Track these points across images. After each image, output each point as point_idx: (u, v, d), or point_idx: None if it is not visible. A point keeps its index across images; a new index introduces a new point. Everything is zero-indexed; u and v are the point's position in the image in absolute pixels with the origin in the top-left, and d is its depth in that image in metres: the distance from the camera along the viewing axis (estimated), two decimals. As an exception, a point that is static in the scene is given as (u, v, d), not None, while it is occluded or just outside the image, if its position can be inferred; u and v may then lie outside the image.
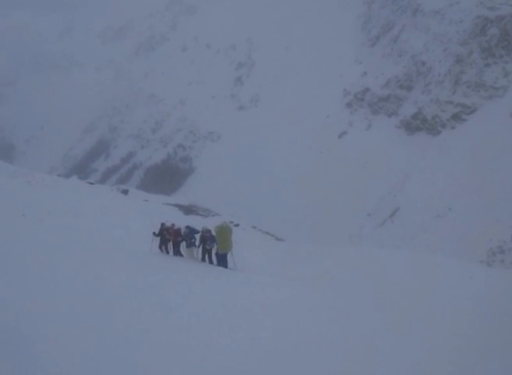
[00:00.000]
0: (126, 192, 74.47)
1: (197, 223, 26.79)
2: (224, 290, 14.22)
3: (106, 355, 7.73)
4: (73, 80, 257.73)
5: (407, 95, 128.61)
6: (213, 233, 20.00)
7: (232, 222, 58.98)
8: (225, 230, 19.81)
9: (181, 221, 26.92)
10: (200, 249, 20.75)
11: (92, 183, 74.77)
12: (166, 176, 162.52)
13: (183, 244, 21.63)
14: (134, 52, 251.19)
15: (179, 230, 21.60)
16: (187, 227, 21.52)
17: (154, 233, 21.93)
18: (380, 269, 21.93)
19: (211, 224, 21.88)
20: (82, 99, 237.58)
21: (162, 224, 22.11)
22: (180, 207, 68.99)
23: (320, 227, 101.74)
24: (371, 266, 22.61)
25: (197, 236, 20.88)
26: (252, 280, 17.05)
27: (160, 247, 21.97)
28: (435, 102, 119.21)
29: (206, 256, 20.54)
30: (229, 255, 19.85)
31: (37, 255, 14.70)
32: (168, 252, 22.09)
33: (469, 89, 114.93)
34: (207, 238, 20.13)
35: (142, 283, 12.91)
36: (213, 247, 20.16)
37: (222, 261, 19.78)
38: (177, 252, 21.77)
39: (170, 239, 21.82)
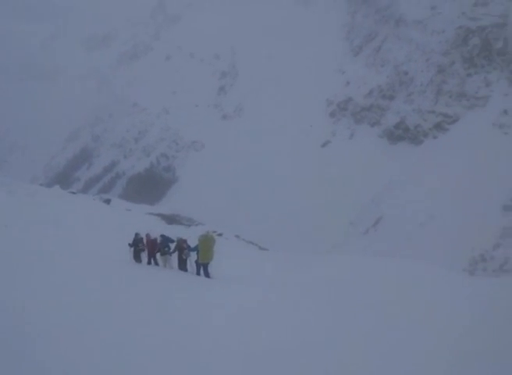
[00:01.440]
0: (108, 202, 74.07)
1: (180, 232, 26.81)
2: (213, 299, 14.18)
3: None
4: (57, 88, 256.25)
5: (389, 105, 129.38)
6: (197, 242, 19.96)
7: (215, 231, 58.85)
8: (208, 241, 19.86)
9: (164, 231, 26.71)
10: (176, 258, 20.85)
11: (74, 193, 74.25)
12: (149, 186, 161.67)
13: (158, 254, 21.66)
14: (118, 61, 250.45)
15: (155, 240, 21.63)
16: (162, 236, 21.57)
17: (129, 244, 21.91)
18: (364, 276, 21.93)
19: (194, 234, 21.92)
20: (65, 108, 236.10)
21: (136, 234, 22.14)
22: (163, 217, 68.78)
23: (303, 236, 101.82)
24: (357, 274, 22.61)
25: (172, 245, 21.01)
26: (234, 289, 17.02)
27: (134, 257, 21.96)
28: (418, 112, 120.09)
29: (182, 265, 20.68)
30: (209, 265, 19.82)
31: (18, 265, 14.57)
32: (141, 261, 22.06)
33: (451, 99, 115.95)
34: (183, 248, 20.34)
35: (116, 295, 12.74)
36: (189, 256, 20.36)
37: (204, 270, 19.83)
38: (154, 261, 21.79)
39: (144, 249, 21.82)
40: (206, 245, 19.68)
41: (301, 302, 14.65)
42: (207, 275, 19.78)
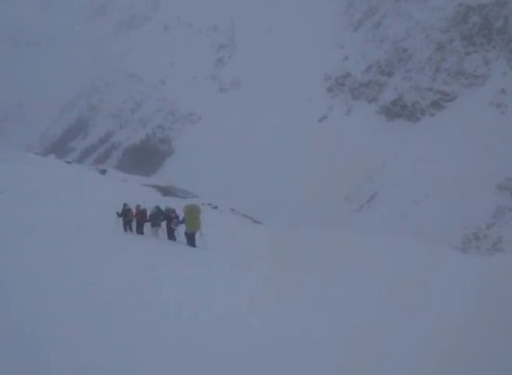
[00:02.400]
0: (103, 172, 74.06)
1: (175, 204, 26.72)
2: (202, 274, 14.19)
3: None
4: (53, 57, 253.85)
5: (387, 81, 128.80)
6: (182, 212, 20.09)
7: (210, 204, 59.12)
8: (193, 210, 19.87)
9: (159, 202, 26.91)
10: (165, 228, 21.15)
11: (70, 163, 74.20)
12: (145, 157, 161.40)
13: (147, 224, 21.98)
14: (115, 31, 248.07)
15: (144, 211, 22.02)
16: (157, 207, 21.85)
17: (117, 213, 22.32)
18: (357, 253, 22.07)
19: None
20: (61, 77, 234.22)
21: (124, 205, 22.59)
22: (158, 188, 68.66)
23: (298, 211, 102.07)
24: (348, 251, 22.74)
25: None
26: (222, 259, 17.47)
27: (124, 226, 22.41)
28: (416, 89, 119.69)
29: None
30: (197, 235, 19.85)
31: (11, 236, 14.60)
32: (131, 231, 22.49)
33: (449, 77, 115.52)
34: (171, 218, 20.64)
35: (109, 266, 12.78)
36: (177, 226, 20.61)
37: (191, 240, 19.89)
38: (140, 232, 22.09)
39: (132, 219, 22.30)
40: (191, 215, 19.69)
41: (293, 280, 14.68)
42: (193, 244, 19.85)
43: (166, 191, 67.89)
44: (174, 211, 20.90)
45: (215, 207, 58.56)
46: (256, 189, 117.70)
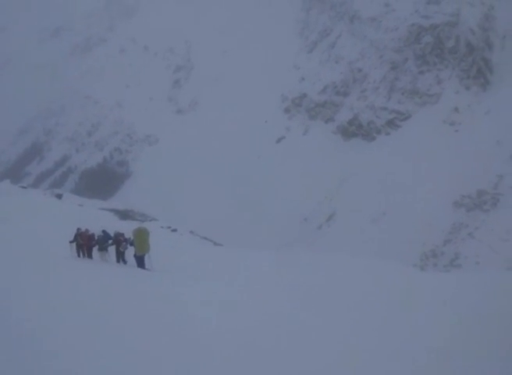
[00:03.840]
0: (60, 196, 72.77)
1: (132, 227, 26.59)
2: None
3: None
4: (7, 80, 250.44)
5: (343, 101, 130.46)
6: (131, 236, 20.78)
7: (169, 227, 58.57)
8: (142, 233, 20.60)
9: (117, 226, 26.88)
10: (114, 252, 21.56)
11: (25, 187, 72.88)
12: (102, 181, 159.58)
13: (95, 248, 21.98)
14: (70, 53, 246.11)
15: (92, 235, 21.98)
16: (103, 231, 22.03)
17: (69, 241, 22.03)
18: (317, 272, 22.03)
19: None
20: (15, 100, 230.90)
21: (78, 229, 22.27)
22: (116, 212, 67.79)
23: (258, 232, 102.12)
24: (307, 270, 22.70)
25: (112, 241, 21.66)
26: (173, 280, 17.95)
27: (77, 252, 22.14)
28: (371, 108, 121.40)
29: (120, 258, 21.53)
30: (146, 257, 20.47)
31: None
32: (84, 256, 22.28)
33: (403, 96, 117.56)
34: (120, 241, 21.12)
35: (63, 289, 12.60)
36: (126, 249, 21.15)
37: (140, 262, 20.47)
38: (89, 255, 22.03)
39: (83, 244, 22.04)
40: (141, 238, 20.36)
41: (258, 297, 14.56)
42: (142, 266, 20.41)
43: (124, 215, 67.07)
44: (123, 234, 21.36)
45: (174, 230, 57.96)
46: (215, 211, 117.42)
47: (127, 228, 24.34)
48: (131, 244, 20.93)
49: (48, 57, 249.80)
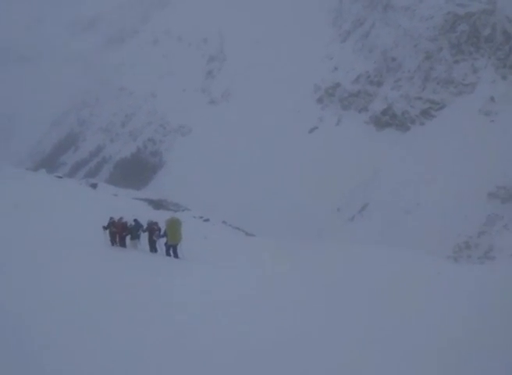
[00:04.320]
0: (94, 186, 73.51)
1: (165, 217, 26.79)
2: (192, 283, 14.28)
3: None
4: (42, 72, 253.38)
5: (377, 91, 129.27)
6: (164, 225, 21.37)
7: (201, 217, 58.73)
8: (175, 223, 21.24)
9: (150, 216, 27.12)
10: (147, 241, 22.04)
11: (60, 177, 73.56)
12: (136, 171, 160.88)
13: (128, 237, 22.43)
14: (105, 45, 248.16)
15: (125, 223, 22.37)
16: (135, 220, 22.53)
17: (103, 226, 22.45)
18: (351, 264, 21.95)
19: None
20: (51, 92, 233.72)
21: (110, 218, 22.63)
22: (150, 202, 68.28)
23: (290, 222, 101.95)
24: (341, 262, 22.63)
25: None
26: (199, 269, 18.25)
27: (111, 240, 22.53)
28: (405, 98, 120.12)
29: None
30: (178, 246, 21.08)
31: (4, 249, 14.56)
32: (117, 244, 22.70)
33: (438, 85, 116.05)
34: (154, 230, 21.68)
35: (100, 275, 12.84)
36: (159, 238, 21.65)
37: (173, 251, 21.09)
38: (122, 244, 22.44)
39: (116, 232, 22.44)
40: (173, 228, 20.99)
41: (284, 290, 14.58)
42: (176, 255, 20.99)
43: (158, 205, 67.53)
44: (157, 223, 21.87)
45: (207, 220, 58.12)
46: (248, 201, 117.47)
47: (161, 218, 24.54)
48: (164, 234, 21.39)
49: (82, 49, 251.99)
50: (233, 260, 24.16)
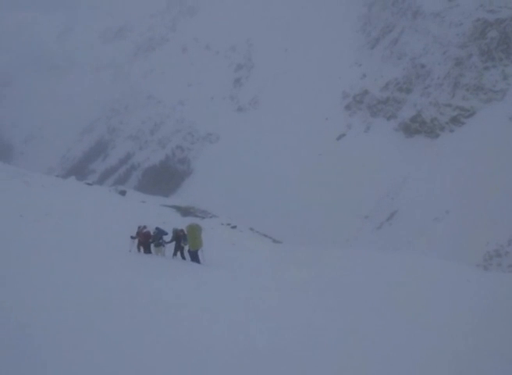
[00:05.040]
0: (123, 193, 74.13)
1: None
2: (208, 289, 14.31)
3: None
4: (72, 80, 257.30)
5: (406, 98, 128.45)
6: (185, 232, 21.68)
7: (229, 224, 58.83)
8: (195, 229, 21.48)
9: (178, 223, 27.48)
10: (173, 247, 22.39)
11: (90, 184, 74.40)
12: (164, 178, 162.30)
13: (152, 244, 22.76)
14: (134, 53, 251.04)
15: (148, 233, 22.65)
16: (157, 228, 22.77)
17: (131, 236, 22.73)
18: (377, 271, 21.76)
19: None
20: (81, 100, 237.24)
21: (139, 227, 22.94)
22: (178, 208, 68.63)
23: (318, 230, 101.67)
24: (367, 269, 22.46)
25: (165, 237, 22.57)
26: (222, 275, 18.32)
27: (138, 247, 22.87)
28: (434, 105, 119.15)
29: (179, 253, 22.34)
30: (199, 252, 21.33)
31: (34, 256, 14.70)
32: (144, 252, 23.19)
33: (468, 92, 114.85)
34: (181, 237, 21.91)
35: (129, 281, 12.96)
36: (186, 244, 21.85)
37: (194, 257, 21.34)
38: (148, 252, 22.76)
39: (141, 241, 22.86)
40: (193, 234, 21.25)
41: (300, 301, 14.51)
42: (197, 261, 21.23)
43: (186, 212, 67.82)
44: (182, 230, 21.96)
45: (234, 227, 58.20)
46: (275, 208, 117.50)
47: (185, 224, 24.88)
48: (185, 244, 21.87)
49: (111, 57, 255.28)
50: (255, 266, 24.34)
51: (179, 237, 22.04)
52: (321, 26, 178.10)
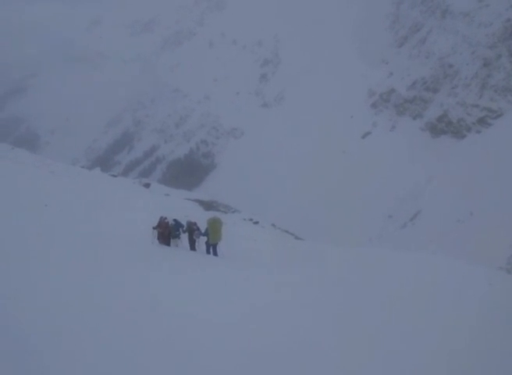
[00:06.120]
0: (147, 186, 74.86)
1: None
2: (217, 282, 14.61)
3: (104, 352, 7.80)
4: (99, 72, 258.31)
5: (432, 97, 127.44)
6: (206, 225, 22.10)
7: (251, 219, 59.11)
8: (216, 223, 21.99)
9: (202, 216, 27.80)
10: (187, 239, 22.96)
11: (115, 176, 75.24)
12: (188, 171, 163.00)
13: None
14: (161, 47, 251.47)
15: (166, 223, 22.95)
16: (174, 220, 23.08)
17: (153, 227, 22.99)
18: (389, 270, 21.73)
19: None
20: (107, 92, 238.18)
21: (161, 217, 23.20)
22: (201, 202, 69.07)
23: (341, 228, 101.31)
24: (378, 267, 22.40)
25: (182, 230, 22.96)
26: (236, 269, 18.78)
27: (158, 238, 23.10)
28: (461, 105, 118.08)
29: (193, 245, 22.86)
30: (218, 245, 21.90)
31: (53, 248, 14.93)
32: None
33: (496, 93, 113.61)
34: (193, 230, 22.45)
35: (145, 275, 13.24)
36: (199, 237, 22.43)
37: (213, 250, 21.90)
38: (167, 243, 22.98)
39: (160, 231, 23.08)
40: (214, 227, 21.75)
41: (309, 297, 14.64)
42: (215, 254, 21.81)
43: (208, 206, 68.26)
44: (195, 224, 22.63)
45: (256, 222, 58.48)
46: (298, 205, 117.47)
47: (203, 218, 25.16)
48: (204, 233, 22.18)
49: (139, 50, 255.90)
50: (271, 261, 24.51)
51: (191, 230, 22.53)
52: (349, 23, 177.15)
